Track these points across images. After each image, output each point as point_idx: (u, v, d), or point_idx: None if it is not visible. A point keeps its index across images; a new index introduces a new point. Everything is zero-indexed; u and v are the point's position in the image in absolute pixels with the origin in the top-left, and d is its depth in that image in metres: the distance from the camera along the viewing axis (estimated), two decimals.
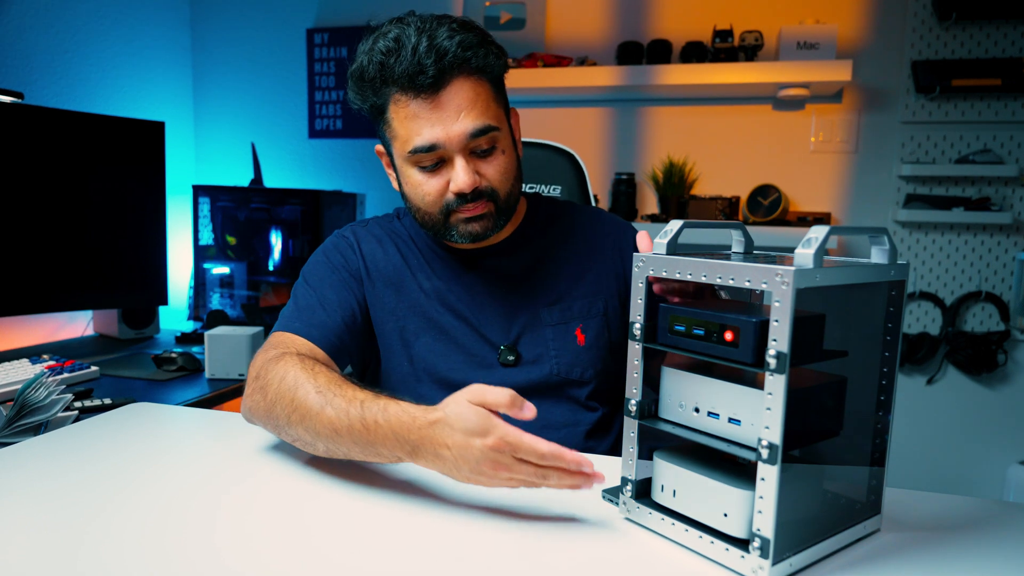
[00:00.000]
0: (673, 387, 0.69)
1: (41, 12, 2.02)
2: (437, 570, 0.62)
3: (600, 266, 1.08)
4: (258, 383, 0.88)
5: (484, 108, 0.94)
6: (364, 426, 0.76)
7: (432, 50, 0.90)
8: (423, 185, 0.96)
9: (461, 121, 0.92)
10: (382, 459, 0.77)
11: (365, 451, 0.77)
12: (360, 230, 1.12)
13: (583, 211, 1.15)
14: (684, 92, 2.32)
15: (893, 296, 0.69)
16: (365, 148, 2.62)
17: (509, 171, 0.98)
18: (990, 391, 2.26)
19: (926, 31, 2.19)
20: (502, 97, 1.00)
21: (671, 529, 0.67)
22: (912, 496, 0.80)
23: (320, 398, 0.80)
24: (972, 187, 2.22)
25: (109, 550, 0.64)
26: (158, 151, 2.00)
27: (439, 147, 0.92)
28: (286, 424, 0.83)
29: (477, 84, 0.94)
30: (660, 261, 0.67)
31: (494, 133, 0.95)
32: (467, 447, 0.69)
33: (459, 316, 1.04)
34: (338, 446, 0.79)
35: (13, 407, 0.99)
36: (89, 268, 1.86)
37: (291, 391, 0.82)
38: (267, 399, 0.85)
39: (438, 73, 0.90)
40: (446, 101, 0.92)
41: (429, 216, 0.99)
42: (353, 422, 0.77)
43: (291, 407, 0.82)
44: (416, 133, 0.92)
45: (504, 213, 1.00)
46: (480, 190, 0.95)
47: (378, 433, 0.75)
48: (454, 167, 0.94)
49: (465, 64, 0.92)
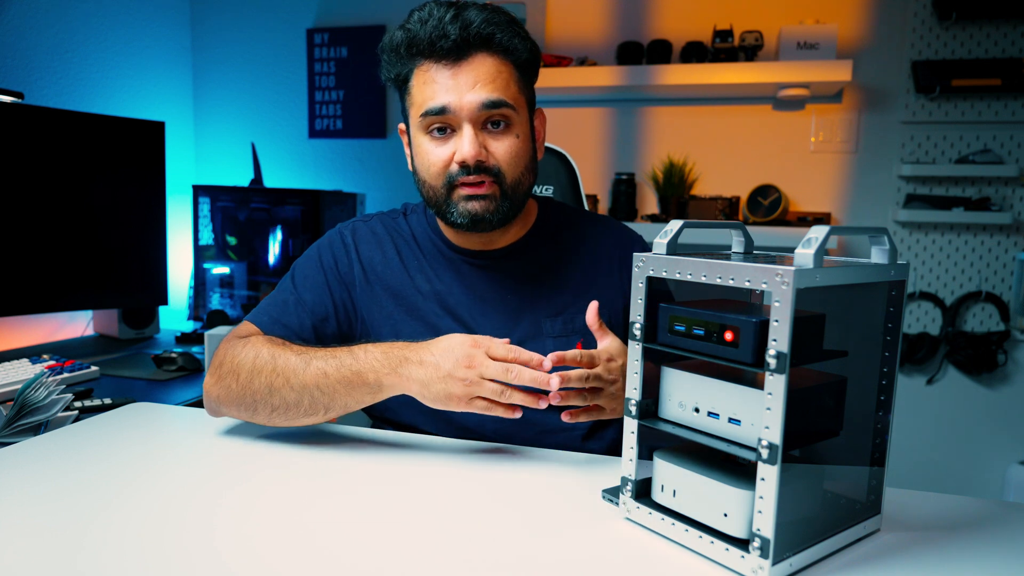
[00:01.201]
0: (673, 387, 0.69)
1: (41, 12, 2.02)
2: (437, 570, 0.62)
3: (606, 279, 1.07)
4: (226, 367, 0.93)
5: (503, 85, 0.95)
6: (353, 357, 0.88)
7: (458, 19, 0.93)
8: (430, 154, 0.97)
9: (475, 91, 0.93)
10: (363, 390, 0.88)
11: (349, 387, 0.87)
12: (362, 228, 1.10)
13: (594, 220, 1.14)
14: (684, 92, 2.32)
15: (893, 296, 0.69)
16: (365, 148, 2.62)
17: (520, 156, 0.98)
18: (990, 391, 2.26)
19: (926, 31, 2.19)
20: (526, 86, 1.01)
21: (671, 529, 0.67)
22: (912, 496, 0.80)
23: (302, 357, 0.90)
24: (972, 187, 2.22)
25: (109, 550, 0.64)
26: (158, 151, 2.00)
27: (449, 112, 0.93)
28: (267, 393, 0.90)
29: (500, 63, 0.95)
30: (660, 261, 0.67)
31: (507, 110, 0.95)
32: (450, 348, 0.83)
33: (458, 319, 1.03)
34: (323, 392, 0.88)
35: (13, 407, 0.99)
36: (89, 268, 1.86)
37: (270, 361, 0.91)
38: (241, 379, 0.91)
39: (461, 41, 0.93)
40: (466, 71, 0.94)
41: (433, 190, 0.98)
42: (342, 359, 0.88)
43: (273, 374, 0.90)
44: (431, 97, 0.94)
45: (508, 199, 0.98)
46: (485, 165, 0.95)
47: (367, 359, 0.87)
48: (462, 136, 0.94)
49: (490, 40, 0.94)
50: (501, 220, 0.99)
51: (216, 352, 0.98)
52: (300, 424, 0.92)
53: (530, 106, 1.02)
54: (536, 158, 1.03)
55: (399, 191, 2.59)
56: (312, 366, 0.88)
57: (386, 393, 0.88)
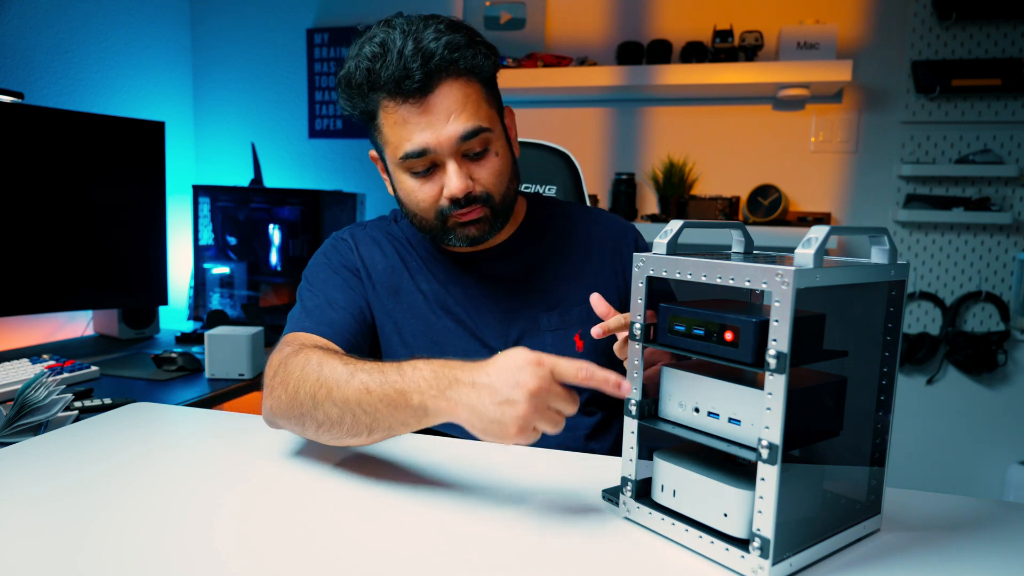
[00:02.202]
0: (673, 387, 0.69)
1: (41, 12, 2.02)
2: (437, 569, 0.62)
3: (599, 270, 1.08)
4: (278, 379, 0.85)
5: (475, 110, 0.92)
6: (400, 373, 0.75)
7: (419, 53, 0.88)
8: (416, 192, 0.95)
9: (451, 124, 0.90)
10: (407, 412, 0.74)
11: (393, 407, 0.74)
12: (358, 232, 1.11)
13: (583, 212, 1.14)
14: (684, 92, 2.32)
15: (893, 296, 0.69)
16: (365, 148, 2.62)
17: (503, 173, 0.97)
18: (990, 391, 2.26)
19: (926, 31, 2.19)
20: (494, 97, 0.98)
21: (671, 529, 0.67)
22: (912, 496, 0.80)
23: (348, 368, 0.79)
24: (972, 187, 2.22)
25: (109, 550, 0.64)
26: (158, 151, 2.00)
27: (430, 152, 0.91)
28: (312, 406, 0.80)
29: (466, 85, 0.92)
30: (660, 261, 0.67)
31: (486, 135, 0.93)
32: (507, 368, 0.69)
33: (456, 320, 1.04)
34: (364, 410, 0.76)
35: (13, 407, 0.99)
36: (89, 268, 1.86)
37: (316, 370, 0.81)
38: (289, 389, 0.83)
39: (425, 77, 0.89)
40: (435, 104, 0.90)
41: (426, 222, 0.98)
42: (387, 373, 0.76)
43: (318, 384, 0.79)
44: (406, 139, 0.91)
45: (501, 215, 0.99)
46: (474, 195, 0.94)
47: (414, 376, 0.74)
48: (447, 172, 0.93)
49: (453, 66, 0.90)
50: (497, 231, 1.01)
51: (268, 363, 0.90)
52: (347, 444, 0.82)
53: (500, 113, 1.00)
54: (516, 162, 1.03)
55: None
56: (356, 379, 0.77)
57: (433, 418, 0.74)
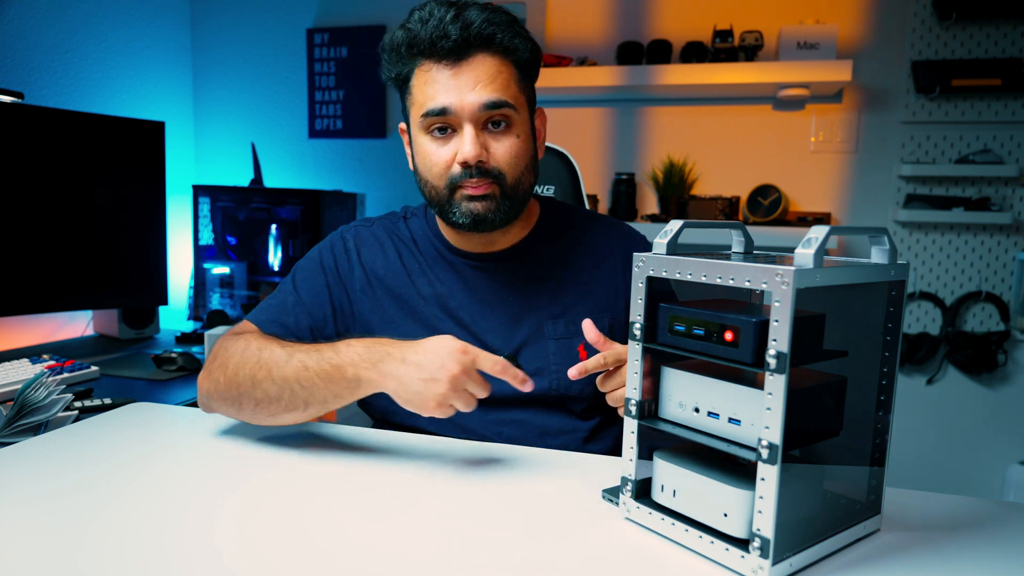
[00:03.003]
0: (673, 387, 0.69)
1: (41, 12, 2.02)
2: (437, 571, 0.62)
3: (608, 281, 1.06)
4: (217, 361, 0.94)
5: (503, 85, 0.95)
6: (335, 351, 0.86)
7: (459, 19, 0.93)
8: (432, 154, 0.97)
9: (476, 91, 0.93)
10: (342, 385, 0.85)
11: (328, 381, 0.85)
12: (364, 232, 1.11)
13: (597, 220, 1.13)
14: (684, 92, 2.32)
15: (893, 296, 0.69)
16: (365, 148, 2.62)
17: (520, 157, 0.98)
18: (990, 391, 2.26)
19: (926, 31, 2.19)
20: (527, 86, 1.01)
21: (671, 529, 0.67)
22: (912, 496, 0.80)
23: (286, 350, 0.89)
24: (972, 187, 2.22)
25: (109, 550, 0.64)
26: (158, 151, 2.00)
27: (450, 112, 0.94)
28: (250, 386, 0.88)
29: (500, 63, 0.96)
30: (660, 261, 0.67)
31: (508, 110, 0.95)
32: (437, 351, 0.80)
33: (459, 323, 1.03)
34: (302, 386, 0.86)
35: (13, 407, 0.99)
36: (89, 268, 1.86)
37: (256, 353, 0.90)
38: (228, 371, 0.91)
39: (461, 41, 0.93)
40: (466, 71, 0.94)
41: (435, 189, 0.99)
42: (323, 352, 0.86)
43: (257, 366, 0.89)
44: (432, 97, 0.94)
45: (510, 199, 0.98)
46: (486, 167, 0.95)
47: (348, 352, 0.85)
48: (463, 137, 0.94)
49: (490, 40, 0.94)
50: (503, 220, 0.99)
51: (212, 348, 0.98)
52: (283, 422, 0.90)
53: (531, 106, 1.02)
54: (537, 158, 1.03)
55: (399, 191, 2.59)
56: (294, 359, 0.87)
57: (364, 389, 0.84)
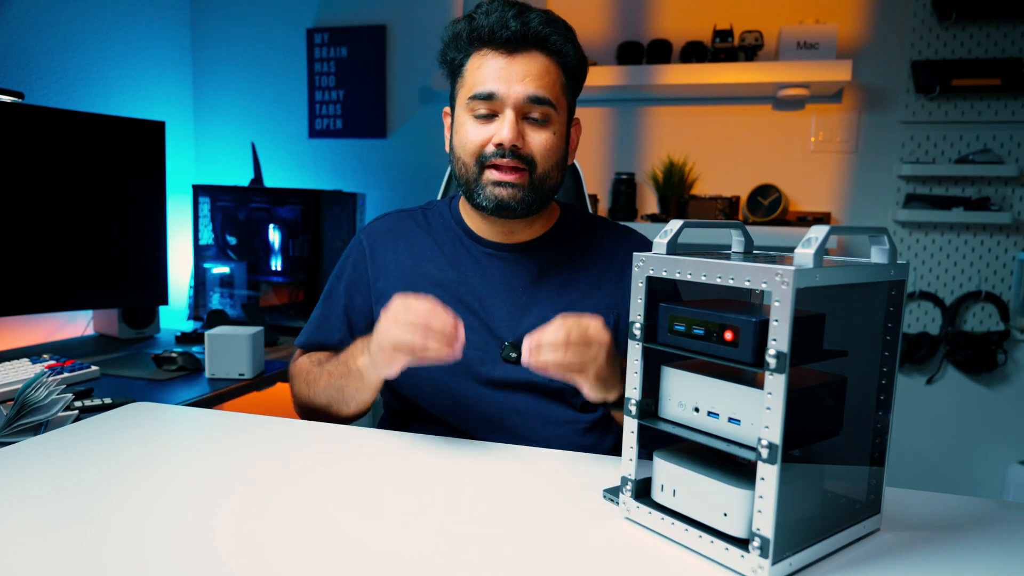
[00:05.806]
0: (673, 387, 0.69)
1: (41, 12, 2.02)
2: (437, 569, 0.62)
3: (617, 282, 1.10)
4: (292, 392, 1.18)
5: (549, 84, 1.00)
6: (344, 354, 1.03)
7: (520, 15, 0.99)
8: (469, 132, 1.02)
9: (524, 83, 0.99)
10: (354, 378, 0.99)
11: (346, 378, 1.00)
12: (378, 227, 1.17)
13: (613, 227, 1.17)
14: (684, 92, 2.32)
15: (893, 296, 0.69)
16: (365, 148, 2.62)
17: (553, 152, 1.02)
18: (990, 391, 2.26)
19: (926, 31, 2.19)
20: (570, 91, 1.05)
21: (671, 529, 0.67)
22: (912, 496, 0.80)
23: (319, 367, 1.10)
24: (972, 187, 2.22)
25: (109, 550, 0.64)
26: (158, 151, 2.00)
27: (496, 98, 0.99)
28: (311, 403, 1.10)
29: (550, 63, 1.01)
30: (660, 261, 0.67)
31: (549, 109, 1.00)
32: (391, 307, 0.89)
33: (468, 308, 1.06)
34: (335, 388, 1.03)
35: (13, 407, 0.99)
36: (89, 268, 1.86)
37: (304, 376, 1.13)
38: (299, 398, 1.14)
39: (519, 35, 0.99)
40: (517, 63, 0.99)
41: (465, 167, 1.03)
42: (338, 358, 1.04)
43: (307, 387, 1.11)
44: (481, 81, 1.00)
45: (536, 191, 1.02)
46: (519, 152, 0.99)
47: (351, 350, 1.01)
48: (503, 121, 0.99)
49: (545, 40, 1.00)
50: (525, 210, 1.03)
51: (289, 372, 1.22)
52: (346, 415, 1.07)
53: (570, 112, 1.07)
54: (567, 161, 1.08)
55: (399, 191, 2.59)
56: (324, 370, 1.06)
57: (366, 374, 0.96)
